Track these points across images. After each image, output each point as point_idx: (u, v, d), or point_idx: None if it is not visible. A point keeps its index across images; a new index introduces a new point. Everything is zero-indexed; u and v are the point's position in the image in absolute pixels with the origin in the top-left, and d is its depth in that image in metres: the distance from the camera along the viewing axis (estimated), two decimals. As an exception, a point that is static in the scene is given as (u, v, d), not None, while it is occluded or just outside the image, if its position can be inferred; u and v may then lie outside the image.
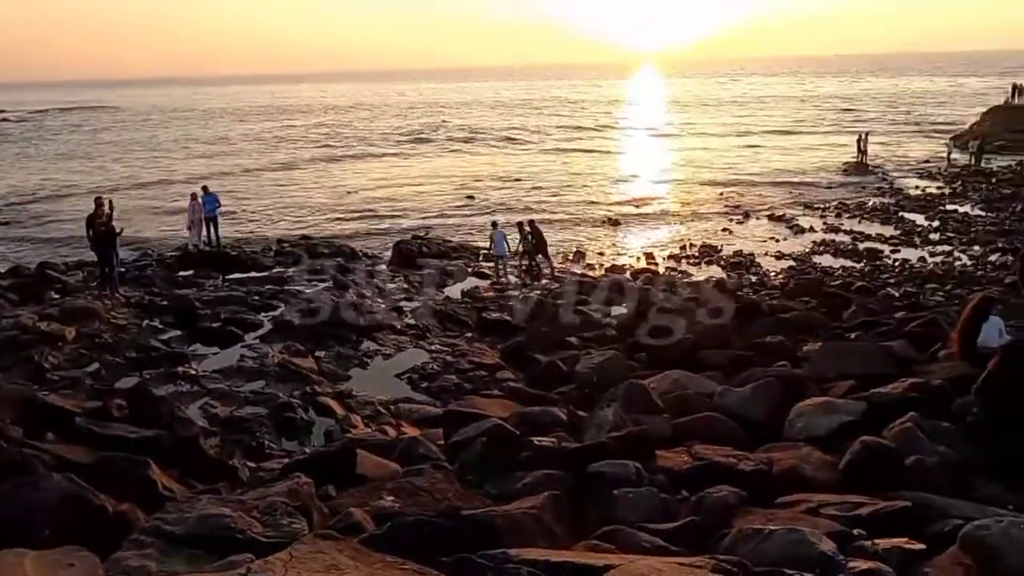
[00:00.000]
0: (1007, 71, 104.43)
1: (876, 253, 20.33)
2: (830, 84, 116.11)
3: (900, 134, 50.33)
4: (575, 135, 55.06)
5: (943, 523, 5.00)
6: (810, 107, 75.05)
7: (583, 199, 30.53)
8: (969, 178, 31.52)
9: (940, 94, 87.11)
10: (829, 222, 24.53)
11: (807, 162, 39.01)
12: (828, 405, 7.31)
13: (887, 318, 12.75)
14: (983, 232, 21.98)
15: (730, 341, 10.95)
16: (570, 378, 10.23)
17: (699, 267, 19.86)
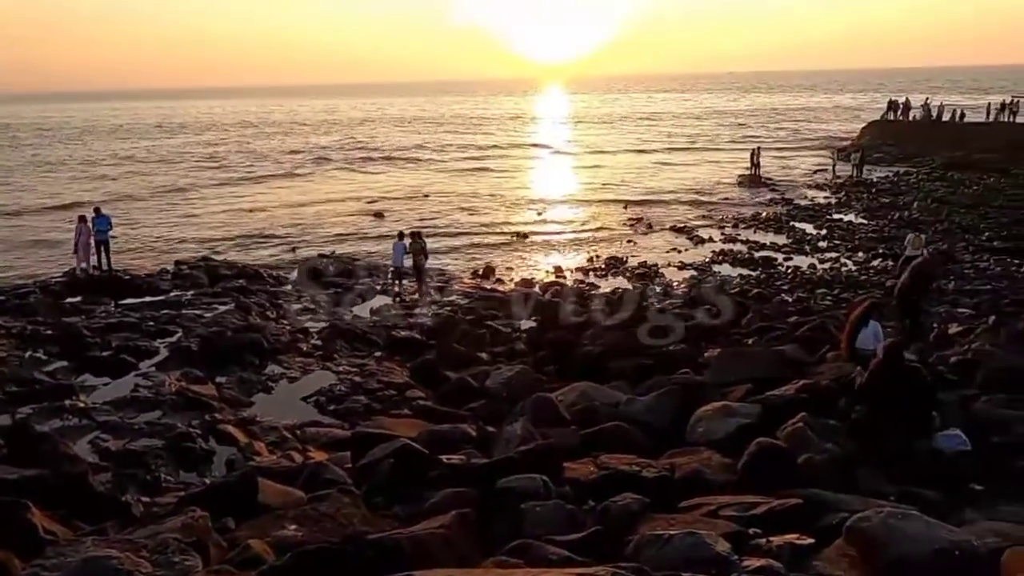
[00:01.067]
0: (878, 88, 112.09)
1: (770, 261, 21.32)
2: (722, 100, 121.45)
3: (788, 148, 53.15)
4: (480, 153, 55.24)
5: (831, 517, 5.27)
6: (705, 123, 78.27)
7: (491, 215, 30.69)
8: (852, 188, 33.54)
9: (819, 110, 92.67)
10: (727, 232, 25.56)
11: (705, 176, 40.58)
12: (726, 409, 7.61)
13: (781, 323, 13.41)
14: (866, 239, 23.40)
15: (635, 350, 11.21)
16: (480, 394, 10.24)
17: (606, 279, 20.27)
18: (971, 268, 19.44)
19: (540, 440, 6.77)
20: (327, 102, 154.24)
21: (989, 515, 5.76)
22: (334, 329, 14.39)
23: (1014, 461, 6.79)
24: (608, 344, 11.79)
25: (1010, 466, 6.73)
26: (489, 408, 9.26)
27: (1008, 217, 25.23)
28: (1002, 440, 7.16)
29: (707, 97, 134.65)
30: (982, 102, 52.56)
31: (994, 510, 5.91)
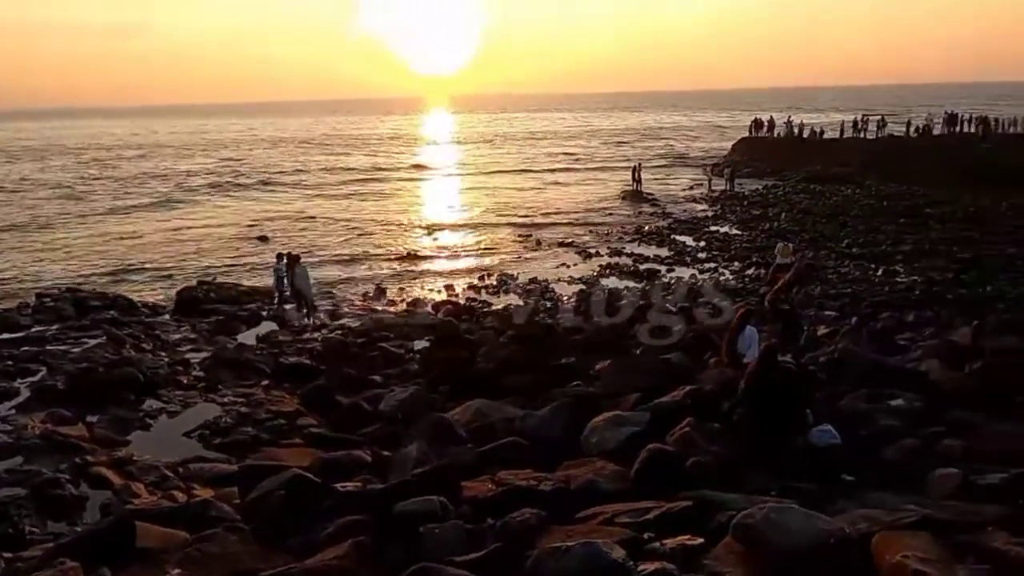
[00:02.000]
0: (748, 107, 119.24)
1: (654, 273, 22.18)
2: (603, 119, 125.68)
3: (666, 165, 55.68)
4: (365, 175, 54.43)
5: (719, 516, 5.48)
6: (587, 141, 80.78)
7: (380, 236, 30.36)
8: (726, 202, 35.49)
9: (691, 128, 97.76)
10: (612, 246, 26.40)
11: (589, 192, 41.84)
12: (618, 419, 7.80)
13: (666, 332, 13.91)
14: (741, 249, 24.77)
15: (528, 366, 11.33)
16: (374, 417, 10.04)
17: (498, 296, 20.45)
18: (834, 273, 20.94)
19: (436, 461, 6.71)
20: (198, 122, 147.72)
21: (860, 503, 6.16)
22: (217, 359, 13.73)
23: (879, 451, 7.33)
24: (502, 360, 11.85)
25: (875, 456, 7.26)
26: (384, 431, 9.09)
27: (864, 225, 27.39)
28: (868, 432, 7.71)
29: (587, 115, 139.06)
30: (837, 119, 56.87)
31: (864, 498, 6.33)
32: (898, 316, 16.10)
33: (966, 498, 6.19)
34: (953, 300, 17.65)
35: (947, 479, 6.48)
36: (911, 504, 5.95)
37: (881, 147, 44.13)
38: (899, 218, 28.47)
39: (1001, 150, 39.49)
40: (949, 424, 7.82)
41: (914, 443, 7.37)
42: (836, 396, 8.81)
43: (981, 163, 37.08)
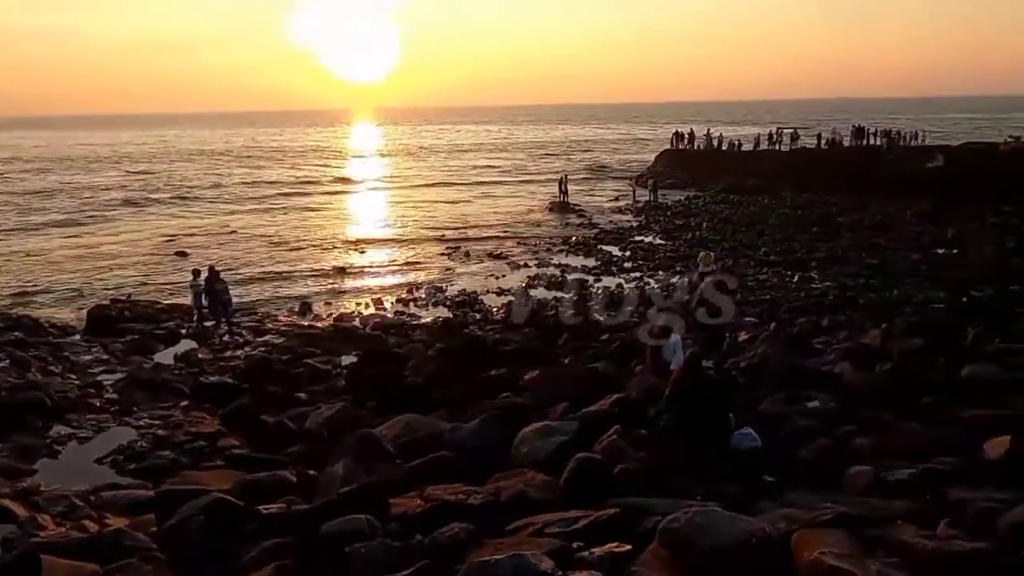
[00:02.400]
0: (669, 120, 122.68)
1: (582, 283, 22.42)
2: (527, 131, 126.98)
3: (592, 176, 56.64)
4: (290, 187, 53.11)
5: (646, 522, 5.57)
6: (512, 153, 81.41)
7: (306, 251, 29.74)
8: (650, 212, 36.30)
9: (614, 140, 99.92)
10: (540, 257, 26.61)
11: (516, 204, 42.12)
12: (547, 429, 7.84)
13: (594, 341, 14.11)
14: (665, 258, 25.36)
15: (457, 379, 11.27)
16: (300, 436, 9.78)
17: (427, 309, 20.31)
18: (753, 280, 21.66)
19: (363, 479, 6.58)
20: (109, 134, 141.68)
21: (780, 503, 6.36)
22: (132, 380, 13.15)
23: (796, 452, 7.59)
24: (431, 374, 11.76)
25: (794, 456, 7.52)
26: (310, 450, 8.87)
27: (780, 234, 28.45)
28: (786, 434, 7.99)
29: (511, 127, 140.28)
30: (753, 132, 58.98)
31: (783, 498, 6.54)
32: (814, 321, 16.75)
33: (877, 494, 6.47)
34: (864, 304, 18.49)
35: (860, 476, 6.76)
36: (827, 502, 6.18)
37: (794, 159, 46.00)
38: (812, 227, 29.69)
39: (904, 161, 41.75)
40: (861, 423, 8.19)
41: (829, 443, 7.68)
42: (756, 400, 9.10)
43: (886, 173, 39.10)
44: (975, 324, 14.44)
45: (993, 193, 34.01)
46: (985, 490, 6.27)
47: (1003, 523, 5.26)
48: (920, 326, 12.48)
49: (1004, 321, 15.34)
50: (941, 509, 5.96)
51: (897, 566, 4.69)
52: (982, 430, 7.74)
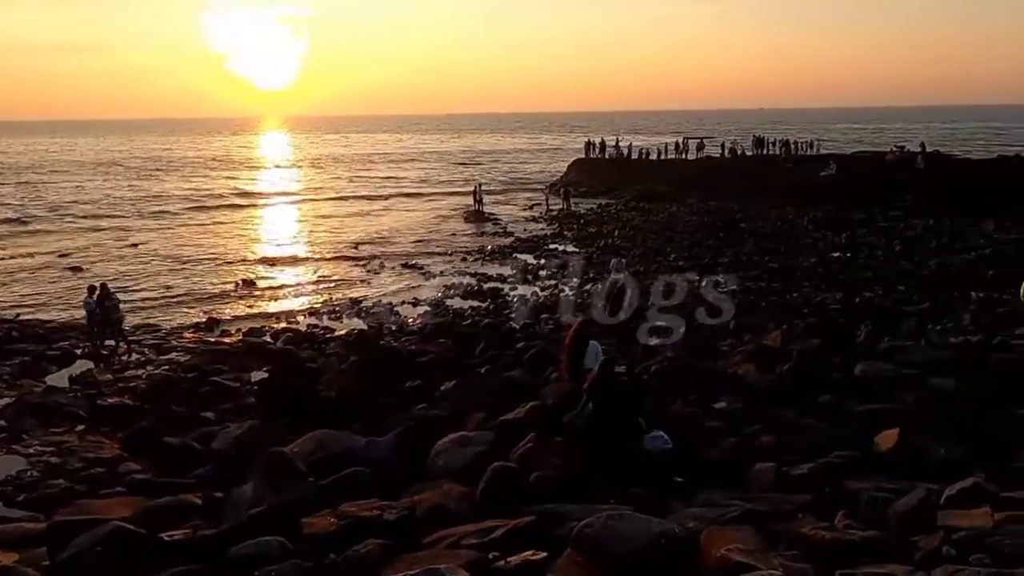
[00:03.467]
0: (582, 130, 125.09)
1: (497, 291, 22.53)
2: (443, 142, 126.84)
3: (506, 185, 57.05)
4: (194, 201, 50.91)
5: (562, 528, 5.61)
6: (426, 163, 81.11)
7: (211, 263, 28.68)
8: (564, 220, 36.86)
9: (528, 150, 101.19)
10: (456, 266, 26.60)
11: (431, 214, 41.98)
12: (463, 439, 7.82)
13: (509, 350, 14.19)
14: (578, 265, 25.77)
15: (372, 391, 11.11)
16: (207, 457, 9.41)
17: (341, 321, 19.93)
18: (663, 286, 22.26)
19: (274, 499, 6.38)
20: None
21: (689, 503, 6.56)
22: (22, 405, 12.33)
23: (705, 453, 7.85)
24: (345, 387, 11.54)
25: (702, 457, 7.76)
26: (217, 472, 8.53)
27: (688, 240, 29.42)
28: (695, 435, 8.24)
29: (428, 138, 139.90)
30: (660, 141, 60.85)
31: (693, 497, 6.75)
32: (721, 324, 17.37)
33: (781, 489, 6.77)
34: (766, 307, 19.31)
35: (764, 473, 7.05)
36: (734, 499, 6.42)
37: (700, 167, 47.75)
38: (718, 232, 30.83)
39: (800, 170, 43.95)
40: (765, 421, 8.54)
41: (735, 442, 7.97)
42: (667, 403, 9.35)
43: (784, 182, 41.06)
44: (867, 324, 15.35)
45: (881, 199, 36.23)
46: (877, 480, 6.66)
47: (893, 511, 5.59)
48: (817, 327, 13.13)
49: (893, 320, 16.34)
50: (838, 501, 6.29)
51: (798, 558, 4.90)
52: (874, 424, 8.23)
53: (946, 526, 5.25)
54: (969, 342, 14.15)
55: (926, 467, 7.13)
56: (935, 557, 4.73)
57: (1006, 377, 9.82)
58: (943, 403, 8.90)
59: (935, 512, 5.58)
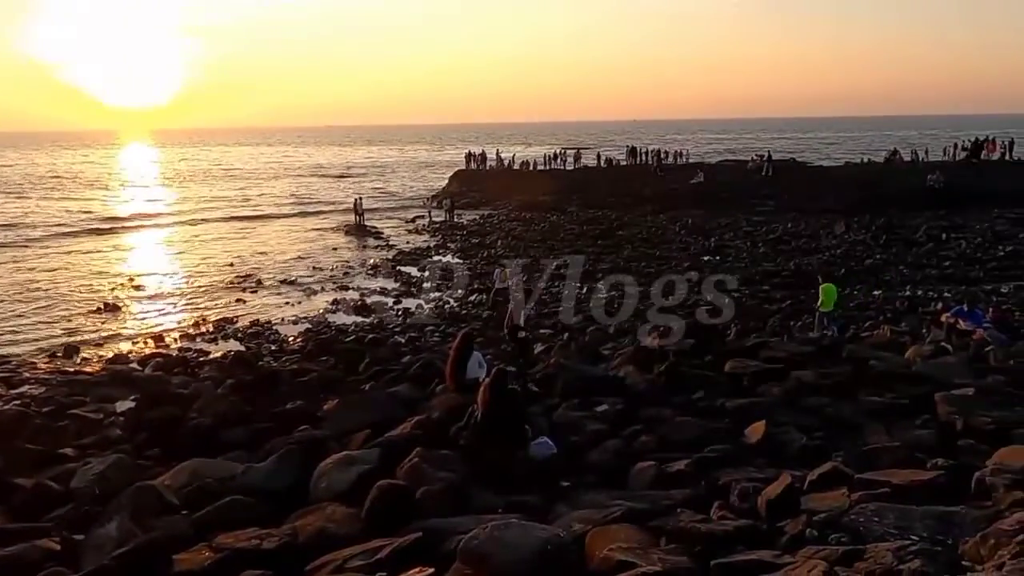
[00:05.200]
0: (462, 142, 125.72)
1: (382, 305, 22.22)
2: (320, 154, 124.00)
3: (387, 197, 56.45)
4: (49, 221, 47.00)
5: (449, 542, 5.57)
6: (306, 177, 79.00)
7: (68, 285, 26.60)
8: (447, 232, 36.86)
9: (409, 162, 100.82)
10: (338, 281, 26.00)
11: (312, 228, 40.88)
12: (347, 459, 7.62)
13: (395, 364, 13.99)
14: (463, 277, 25.81)
15: (251, 415, 10.63)
16: (66, 497, 8.67)
17: (215, 343, 19.00)
18: (547, 294, 22.69)
19: (142, 537, 5.97)
20: None
21: (575, 506, 6.67)
22: None
23: (589, 455, 8.02)
24: (221, 413, 10.97)
25: (586, 460, 7.94)
26: (78, 512, 7.87)
27: (568, 248, 30.12)
28: (579, 439, 8.41)
29: (306, 151, 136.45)
30: (540, 152, 62.10)
31: (579, 500, 6.88)
32: (602, 328, 17.89)
33: (660, 486, 7.02)
34: (644, 311, 20.03)
35: (644, 471, 7.29)
36: (617, 499, 6.59)
37: (578, 177, 49.06)
38: (597, 240, 31.78)
39: (672, 178, 46.03)
40: (644, 421, 8.84)
41: (617, 443, 8.20)
42: (552, 408, 9.50)
43: (657, 190, 42.89)
44: (736, 323, 16.23)
45: (745, 205, 38.54)
46: (748, 471, 7.03)
47: (762, 499, 5.91)
48: (691, 328, 13.73)
49: (760, 319, 17.37)
50: (714, 493, 6.59)
51: (677, 551, 5.08)
52: (744, 417, 8.70)
53: (808, 510, 5.60)
54: (825, 335, 15.25)
55: (790, 455, 7.62)
56: (799, 540, 5.03)
57: (857, 366, 10.65)
58: (804, 394, 9.53)
59: (799, 497, 5.95)
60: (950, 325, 12.78)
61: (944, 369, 10.61)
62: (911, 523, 4.97)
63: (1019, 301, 19.81)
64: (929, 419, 8.53)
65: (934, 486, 5.98)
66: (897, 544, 4.28)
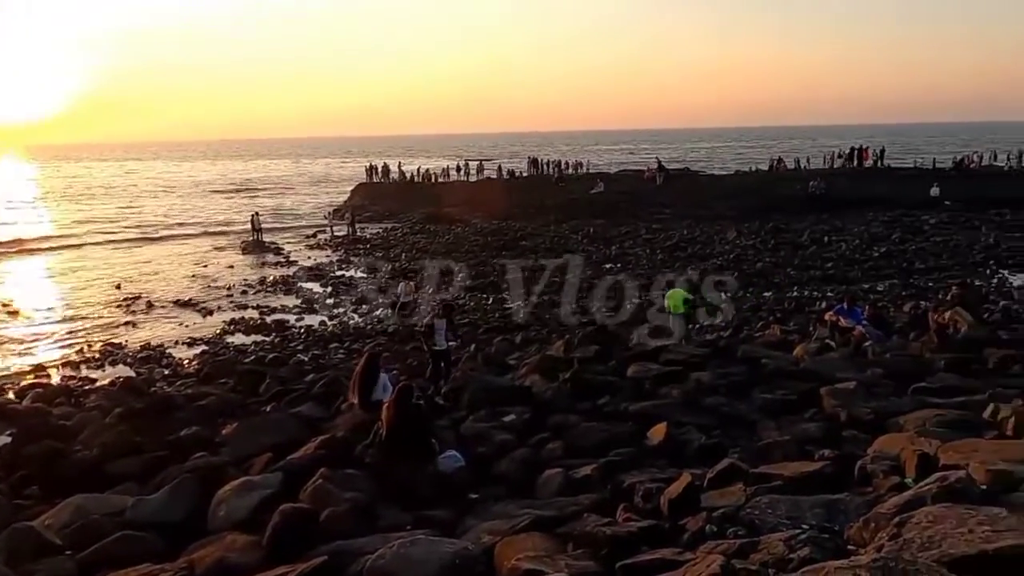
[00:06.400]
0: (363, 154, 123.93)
1: (283, 324, 21.56)
2: (214, 170, 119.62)
3: (285, 212, 54.97)
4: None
5: (357, 564, 5.43)
6: (195, 193, 76.00)
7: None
8: (350, 246, 36.23)
9: (310, 174, 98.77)
10: (236, 300, 25.07)
11: (207, 245, 39.30)
12: (246, 485, 7.33)
13: (298, 384, 13.59)
14: (367, 291, 25.42)
15: (142, 445, 10.07)
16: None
17: (102, 369, 17.92)
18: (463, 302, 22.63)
19: (20, 582, 5.55)
20: None
21: (484, 517, 6.66)
22: None
23: (497, 466, 8.04)
24: (110, 444, 10.33)
25: (495, 471, 7.95)
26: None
27: (475, 259, 30.19)
28: (487, 450, 8.42)
29: (195, 166, 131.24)
30: (443, 164, 62.00)
31: (488, 512, 6.87)
32: (508, 339, 18.01)
33: (568, 492, 7.10)
34: (548, 319, 20.33)
35: (552, 479, 7.36)
36: (525, 508, 6.63)
37: (481, 188, 49.30)
38: (502, 250, 31.99)
39: (572, 188, 46.97)
40: (551, 429, 8.94)
41: (525, 452, 8.25)
42: (459, 421, 9.47)
43: (559, 200, 43.65)
44: (637, 328, 16.68)
45: (643, 213, 39.74)
46: (651, 472, 7.21)
47: (664, 499, 6.07)
48: (594, 334, 14.01)
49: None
50: (619, 496, 6.72)
51: (584, 556, 5.15)
52: (646, 420, 8.94)
53: (708, 506, 5.79)
54: (722, 337, 15.91)
55: (690, 454, 7.88)
56: (700, 536, 5.19)
57: (751, 365, 11.15)
58: (702, 394, 9.88)
59: (699, 495, 6.15)
60: (833, 323, 13.55)
61: (828, 365, 11.25)
62: (801, 513, 5.22)
63: (893, 299, 21.29)
64: (816, 412, 9.01)
65: (822, 476, 6.30)
66: (788, 534, 4.48)
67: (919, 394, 9.37)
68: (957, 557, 3.54)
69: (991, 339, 12.31)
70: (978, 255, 28.23)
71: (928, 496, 4.59)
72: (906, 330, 14.47)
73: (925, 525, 3.96)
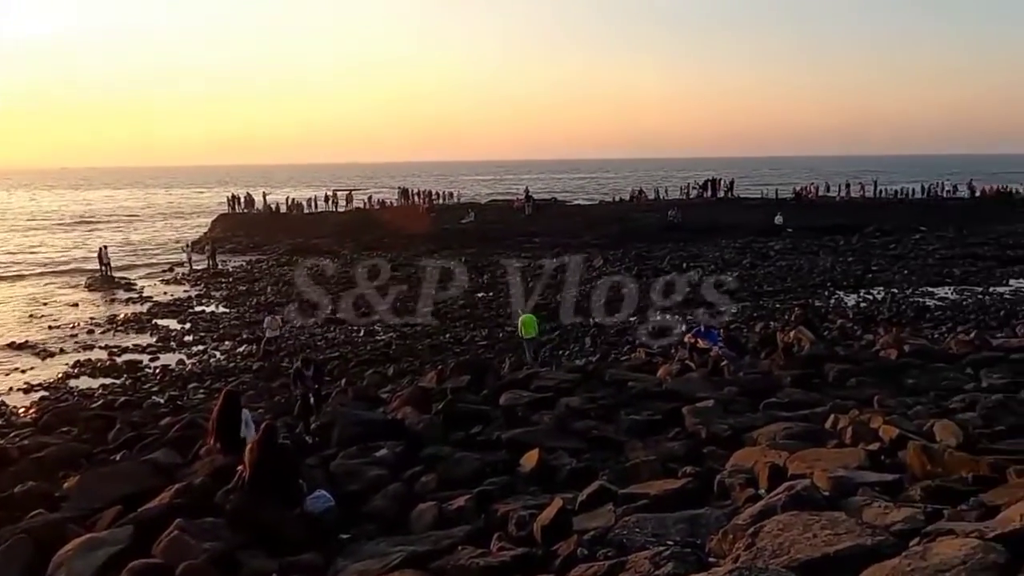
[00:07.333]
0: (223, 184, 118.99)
1: (136, 364, 20.11)
2: (53, 200, 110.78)
3: (141, 244, 51.65)
4: None
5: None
6: (36, 224, 70.16)
7: None
8: (210, 280, 34.39)
9: (168, 204, 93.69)
10: (81, 340, 23.15)
11: (46, 282, 36.17)
12: (91, 542, 6.72)
13: (152, 428, 12.68)
14: (230, 327, 24.21)
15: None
16: None
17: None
18: (322, 339, 22.01)
19: None
20: None
21: (356, 558, 6.45)
22: None
23: (371, 502, 7.81)
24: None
25: (368, 508, 7.72)
26: None
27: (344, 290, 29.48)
28: (359, 487, 8.17)
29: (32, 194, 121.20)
30: (310, 194, 60.49)
31: (360, 551, 6.65)
32: (381, 371, 17.69)
33: (442, 525, 7.00)
34: (422, 350, 20.16)
35: (425, 512, 7.24)
36: (399, 545, 6.48)
37: (351, 218, 48.53)
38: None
39: (444, 217, 47.18)
40: (424, 461, 8.81)
41: (398, 487, 8.07)
42: (329, 458, 9.15)
43: (431, 229, 43.70)
44: (510, 356, 16.87)
45: (514, 242, 40.46)
46: (524, 499, 7.26)
47: (537, 525, 6.12)
48: (467, 364, 14.03)
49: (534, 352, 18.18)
50: (493, 525, 6.71)
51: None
52: (519, 447, 9.01)
53: (580, 529, 5.89)
54: (590, 362, 16.36)
55: (562, 479, 8.00)
56: (571, 560, 5.26)
57: (618, 388, 11.53)
58: (572, 418, 10.10)
59: (571, 519, 6.24)
60: (692, 345, 14.27)
61: (689, 385, 11.83)
62: (667, 529, 5.42)
63: (745, 320, 22.74)
64: (679, 431, 9.43)
65: (685, 492, 6.59)
66: (654, 551, 4.63)
67: (770, 409, 10.03)
68: (803, 561, 3.79)
69: (830, 355, 13.39)
70: (817, 278, 30.72)
71: (778, 505, 4.90)
72: (758, 349, 15.46)
73: (776, 533, 4.21)
